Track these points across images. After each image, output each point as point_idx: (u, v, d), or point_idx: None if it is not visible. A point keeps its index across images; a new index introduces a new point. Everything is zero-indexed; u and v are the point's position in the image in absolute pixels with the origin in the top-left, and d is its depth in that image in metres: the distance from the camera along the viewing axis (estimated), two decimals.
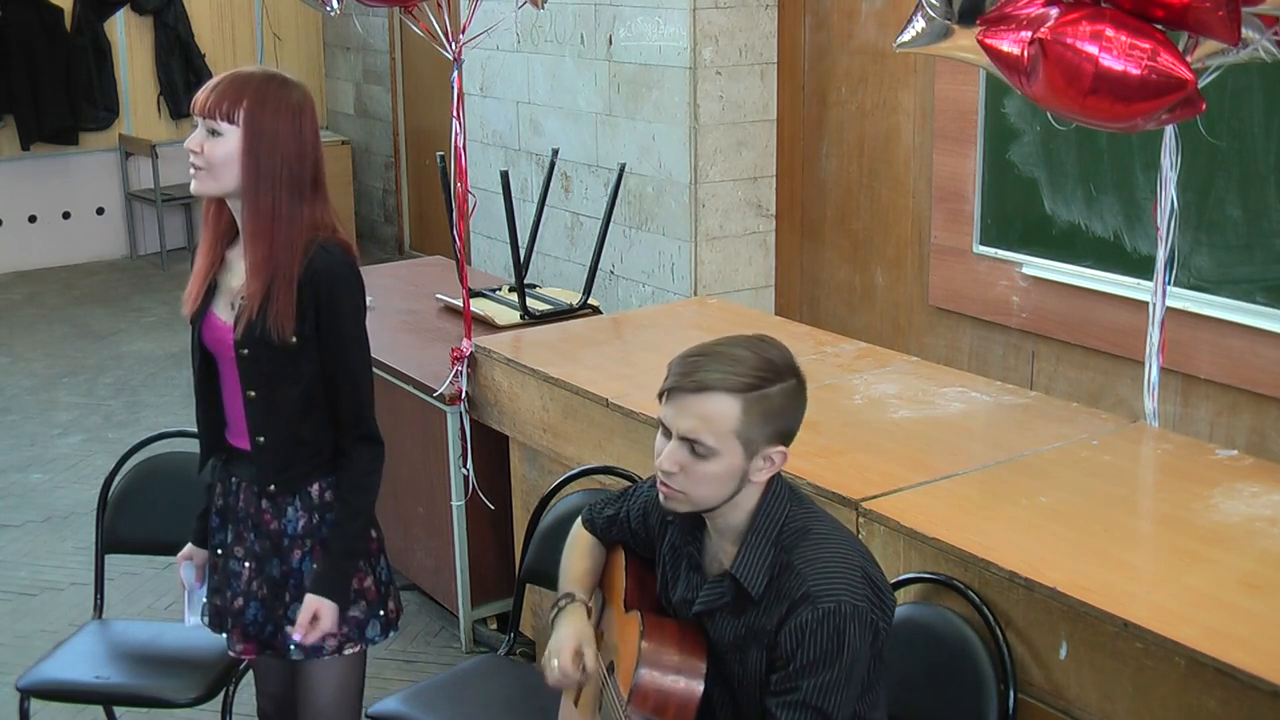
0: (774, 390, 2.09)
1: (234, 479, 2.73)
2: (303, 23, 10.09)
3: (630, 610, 2.32)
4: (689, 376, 2.08)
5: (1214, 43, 2.76)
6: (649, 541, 2.40)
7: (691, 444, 2.08)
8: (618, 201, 4.75)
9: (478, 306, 4.52)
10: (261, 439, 2.64)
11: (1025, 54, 2.74)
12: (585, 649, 2.30)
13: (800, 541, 2.12)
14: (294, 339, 2.56)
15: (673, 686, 2.17)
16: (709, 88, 5.65)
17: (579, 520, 2.55)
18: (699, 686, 2.18)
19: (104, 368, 7.22)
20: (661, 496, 2.16)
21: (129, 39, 9.45)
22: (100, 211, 9.57)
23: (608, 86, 6.12)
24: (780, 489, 2.18)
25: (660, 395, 2.13)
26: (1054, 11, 2.73)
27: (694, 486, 2.11)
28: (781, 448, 2.13)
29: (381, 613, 2.75)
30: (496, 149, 6.99)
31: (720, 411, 2.07)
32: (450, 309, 4.72)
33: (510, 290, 4.77)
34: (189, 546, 2.89)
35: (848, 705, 2.07)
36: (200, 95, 2.56)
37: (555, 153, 4.96)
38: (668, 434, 2.12)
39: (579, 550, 2.50)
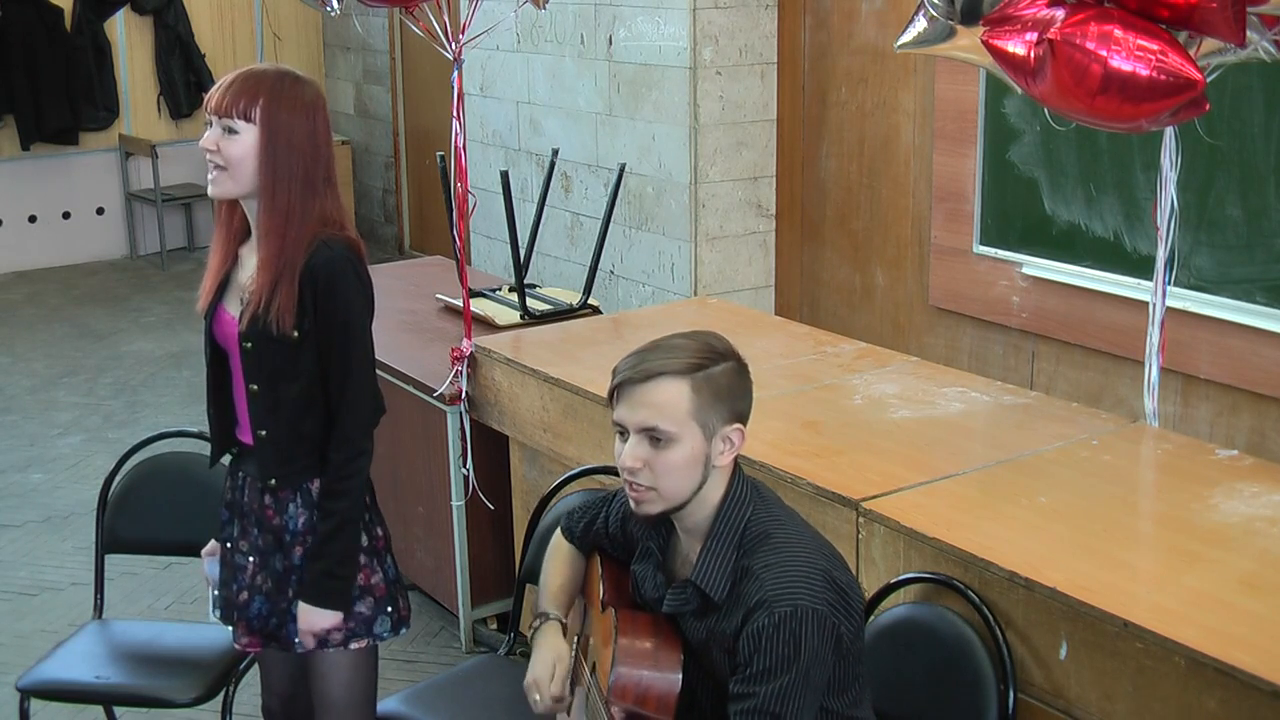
0: (718, 370, 2.12)
1: (241, 474, 2.76)
2: (303, 23, 10.09)
3: (606, 609, 2.34)
4: (635, 369, 2.11)
5: (1214, 42, 2.76)
6: (628, 547, 2.40)
7: (650, 435, 2.10)
8: (618, 201, 4.75)
9: (478, 306, 4.52)
10: (263, 432, 2.65)
11: (1032, 55, 2.74)
12: (558, 673, 2.32)
13: (760, 545, 2.12)
14: (295, 333, 2.57)
15: (651, 679, 2.19)
16: (709, 88, 5.65)
17: (558, 530, 2.56)
18: (677, 677, 2.19)
19: (104, 368, 7.22)
20: (632, 502, 2.17)
21: (129, 39, 9.45)
22: (100, 211, 9.57)
23: (608, 86, 6.12)
24: (743, 491, 2.18)
25: (610, 398, 2.15)
26: (1059, 12, 2.73)
27: (661, 479, 2.11)
28: (738, 426, 2.15)
29: (390, 609, 2.75)
30: (496, 149, 6.99)
31: (672, 395, 2.09)
32: (450, 309, 4.72)
33: (510, 290, 4.77)
34: (212, 543, 2.90)
35: (807, 711, 2.06)
36: (214, 94, 2.56)
37: (555, 153, 4.96)
38: (625, 435, 2.14)
39: (557, 563, 2.51)
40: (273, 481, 2.67)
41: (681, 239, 5.81)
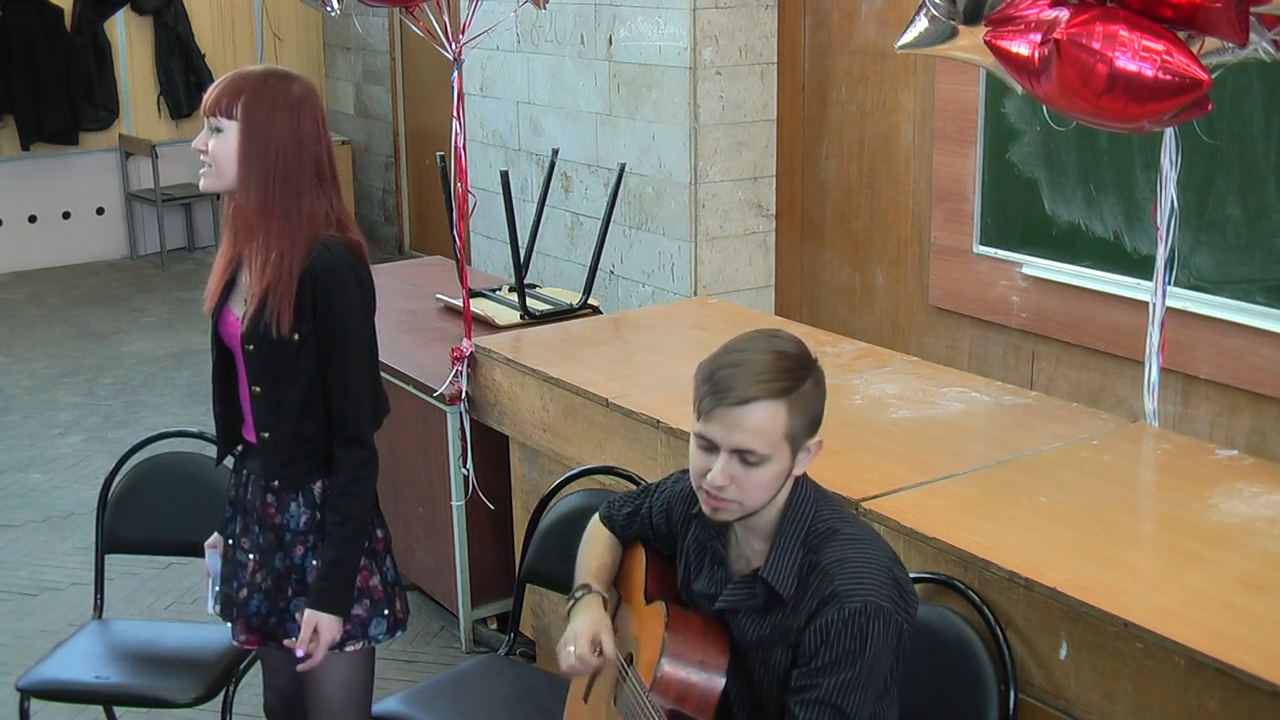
0: (807, 386, 2.13)
1: (245, 472, 2.76)
2: (303, 23, 10.09)
3: (652, 601, 2.32)
4: (730, 392, 2.08)
5: (1214, 42, 2.76)
6: (670, 537, 2.40)
7: (744, 455, 2.09)
8: (618, 201, 4.75)
9: (478, 306, 4.52)
10: (266, 434, 2.65)
11: (1037, 55, 2.74)
12: (603, 636, 2.30)
13: (828, 542, 2.14)
14: (295, 336, 2.57)
15: (695, 678, 2.18)
16: (709, 88, 5.65)
17: (596, 517, 2.55)
18: (720, 680, 2.19)
19: (104, 368, 7.22)
20: (709, 509, 2.15)
21: (129, 39, 9.46)
22: (100, 211, 9.57)
23: (608, 86, 6.12)
24: (807, 489, 2.20)
25: (698, 414, 2.12)
26: (1062, 13, 2.73)
27: (748, 495, 2.12)
28: (818, 437, 2.17)
29: (387, 612, 2.75)
30: (496, 149, 6.99)
31: (769, 420, 2.07)
32: (450, 309, 4.72)
33: (510, 290, 4.77)
34: (216, 535, 2.90)
35: (866, 705, 2.07)
36: (207, 94, 2.60)
37: (555, 153, 4.96)
38: (709, 448, 2.11)
39: (596, 546, 2.50)
40: (275, 483, 2.67)
41: (681, 239, 5.81)
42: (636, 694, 2.23)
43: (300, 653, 2.65)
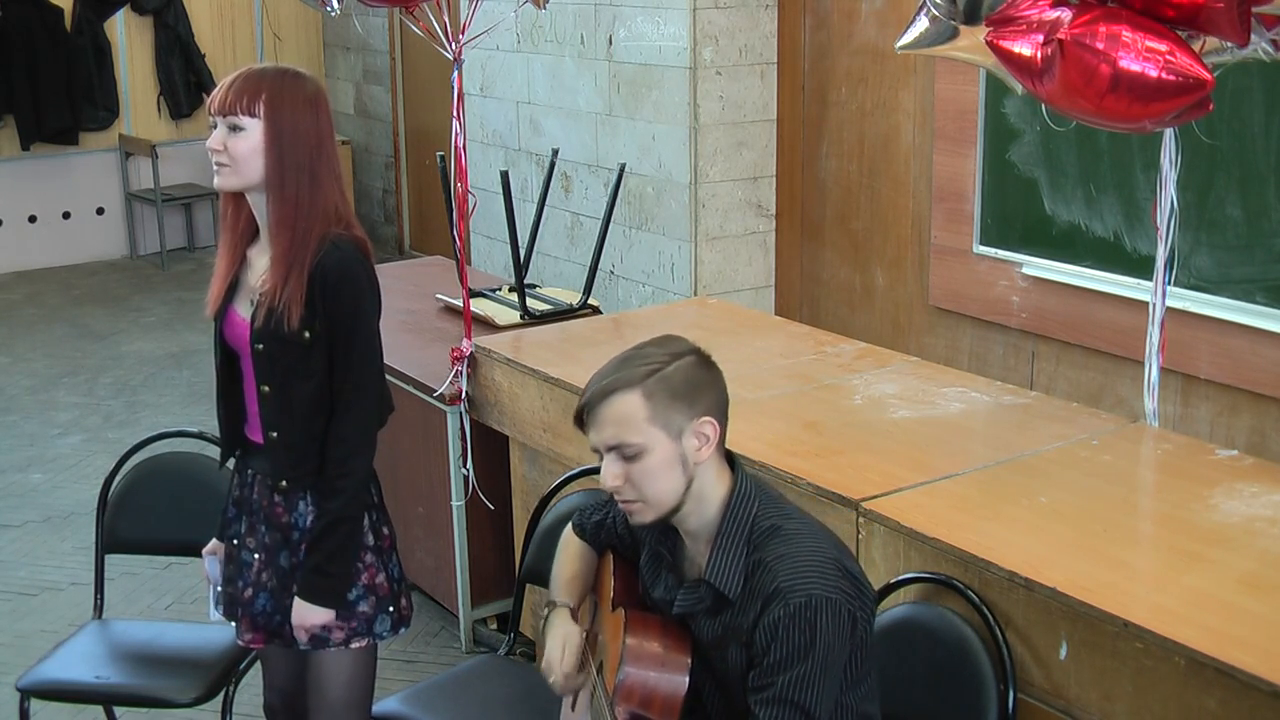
0: (670, 369, 2.14)
1: (250, 471, 2.76)
2: (303, 23, 10.09)
3: (616, 609, 2.33)
4: (591, 394, 2.15)
5: (1214, 42, 2.76)
6: (634, 545, 2.42)
7: (619, 451, 2.13)
8: (618, 201, 4.75)
9: (478, 306, 4.52)
10: (274, 434, 2.65)
11: (1040, 55, 2.74)
12: (568, 649, 2.33)
13: (770, 539, 2.14)
14: (306, 334, 2.57)
15: (657, 681, 2.18)
16: (709, 88, 5.65)
17: (569, 526, 2.57)
18: (684, 681, 2.19)
19: (104, 368, 7.22)
20: (627, 515, 2.21)
21: (129, 39, 9.45)
22: (100, 211, 9.57)
23: (608, 86, 6.12)
24: (747, 488, 2.20)
25: (580, 426, 2.19)
26: (1064, 13, 2.73)
27: (644, 489, 2.14)
28: (707, 418, 2.15)
29: (392, 609, 2.76)
30: (496, 149, 6.99)
31: (626, 408, 2.12)
32: (450, 309, 4.72)
33: (510, 290, 4.77)
34: (214, 541, 2.90)
35: (826, 699, 2.07)
36: (217, 94, 2.59)
37: (555, 153, 4.96)
38: (601, 457, 2.17)
39: (568, 556, 2.53)
40: (284, 483, 2.67)
41: (681, 239, 5.81)
42: (600, 701, 2.24)
43: (303, 639, 2.67)
